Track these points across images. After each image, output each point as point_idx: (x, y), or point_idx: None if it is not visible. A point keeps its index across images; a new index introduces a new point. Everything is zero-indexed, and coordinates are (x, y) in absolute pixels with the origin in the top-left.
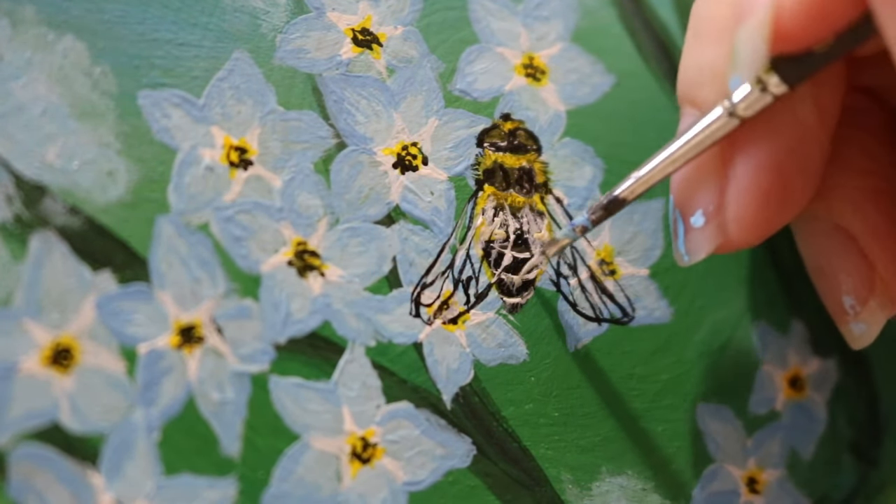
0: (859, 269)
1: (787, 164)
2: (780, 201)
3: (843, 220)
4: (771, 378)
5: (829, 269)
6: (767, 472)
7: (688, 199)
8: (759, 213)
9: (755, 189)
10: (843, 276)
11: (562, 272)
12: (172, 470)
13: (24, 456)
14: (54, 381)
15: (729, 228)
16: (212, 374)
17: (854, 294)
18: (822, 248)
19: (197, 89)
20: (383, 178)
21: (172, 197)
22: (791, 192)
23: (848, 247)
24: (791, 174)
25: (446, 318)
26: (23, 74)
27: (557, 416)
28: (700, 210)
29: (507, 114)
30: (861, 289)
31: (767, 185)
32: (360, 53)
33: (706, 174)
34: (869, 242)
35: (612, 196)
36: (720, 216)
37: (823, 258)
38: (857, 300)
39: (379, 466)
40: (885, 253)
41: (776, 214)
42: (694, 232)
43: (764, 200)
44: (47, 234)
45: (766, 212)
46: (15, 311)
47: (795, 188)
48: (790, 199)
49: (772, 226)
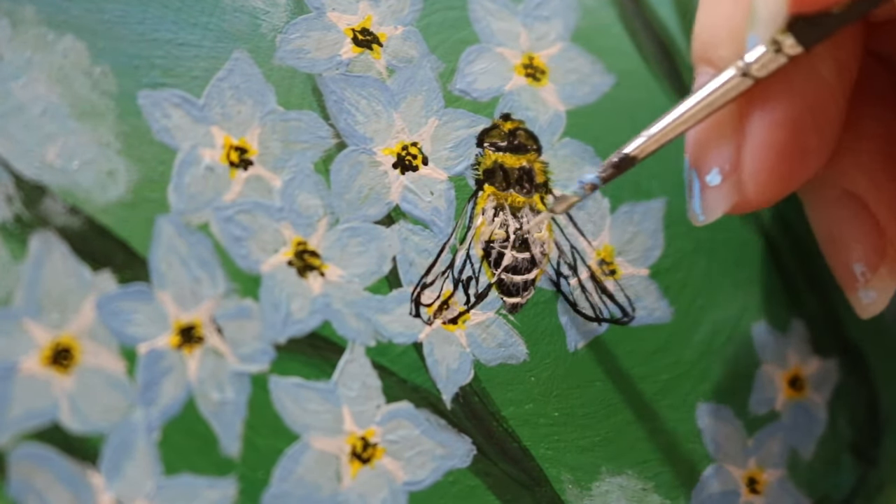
0: (870, 235)
1: (804, 121)
2: (797, 159)
3: (854, 185)
4: (771, 378)
5: (839, 237)
6: (768, 472)
7: (703, 157)
8: (775, 171)
9: (772, 146)
10: (854, 242)
11: (562, 272)
12: (172, 470)
13: (24, 456)
14: (54, 381)
15: (745, 186)
16: (212, 374)
17: (864, 260)
18: (833, 216)
19: (197, 89)
20: (383, 178)
21: (172, 197)
22: (808, 150)
23: (858, 213)
24: (808, 132)
25: (446, 318)
26: (23, 74)
27: (557, 416)
28: (716, 168)
29: (507, 114)
30: (871, 255)
31: (784, 142)
32: (360, 53)
33: (723, 132)
34: (880, 208)
35: (622, 153)
36: (736, 174)
37: (834, 225)
38: (868, 266)
39: (379, 466)
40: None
41: (793, 172)
42: (710, 190)
43: (781, 157)
44: (47, 234)
45: (783, 169)
46: (15, 311)
47: (812, 146)
48: (807, 158)
49: (788, 184)
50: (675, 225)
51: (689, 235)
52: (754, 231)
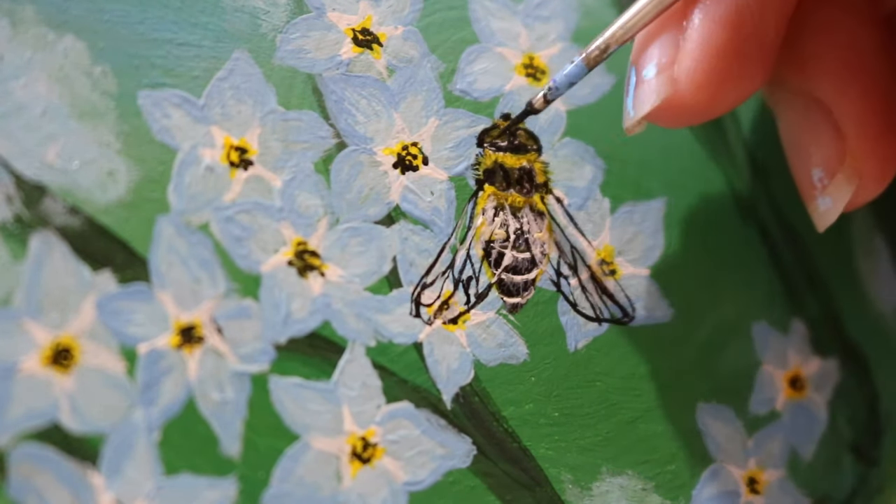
0: (831, 140)
1: (743, 22)
2: (734, 61)
3: (819, 91)
4: (771, 378)
5: (802, 143)
6: (768, 473)
7: (643, 53)
8: (711, 70)
9: (709, 43)
10: (815, 148)
11: (562, 272)
12: (172, 470)
13: (24, 456)
14: (54, 381)
15: (679, 81)
16: (212, 374)
17: (823, 165)
18: (798, 121)
19: (197, 89)
20: (383, 178)
21: (172, 197)
22: (745, 54)
23: (822, 119)
24: (747, 35)
25: (446, 318)
26: (23, 74)
27: (558, 416)
28: (653, 62)
29: (507, 114)
30: (830, 160)
31: (721, 41)
32: (361, 53)
33: (664, 27)
34: (842, 116)
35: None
36: (672, 69)
37: (798, 131)
38: (826, 172)
39: (379, 466)
40: (857, 126)
41: (729, 75)
42: (644, 83)
43: (716, 56)
44: (47, 234)
45: (719, 69)
46: (15, 311)
47: (750, 51)
48: (744, 62)
49: (724, 87)
50: (675, 225)
51: (689, 235)
52: (754, 231)
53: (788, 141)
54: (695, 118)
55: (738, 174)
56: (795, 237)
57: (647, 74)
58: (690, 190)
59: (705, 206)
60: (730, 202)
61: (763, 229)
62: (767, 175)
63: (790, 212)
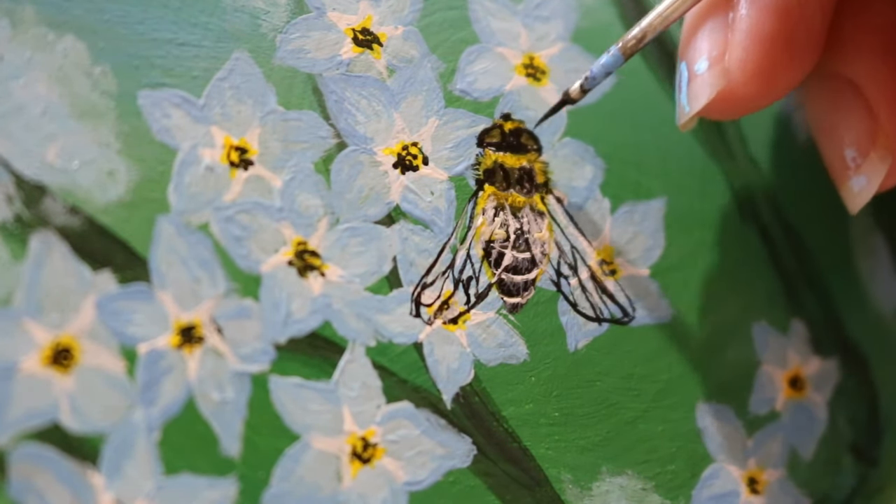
0: (863, 120)
1: (791, 9)
2: (784, 49)
3: (851, 71)
4: (771, 378)
5: (834, 123)
6: (768, 473)
7: (692, 46)
8: (762, 59)
9: (758, 32)
10: (846, 128)
11: (562, 272)
12: (172, 470)
13: (24, 456)
14: (54, 381)
15: (731, 73)
16: (212, 373)
17: (856, 145)
18: (829, 103)
19: (197, 89)
20: (383, 178)
21: (172, 197)
22: (795, 40)
23: (854, 99)
24: (795, 21)
25: (446, 318)
26: (23, 74)
27: (558, 416)
28: (704, 55)
29: (507, 114)
30: (864, 140)
31: (771, 29)
32: (361, 53)
33: (711, 19)
34: (875, 95)
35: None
36: (724, 61)
37: (829, 112)
38: (859, 151)
39: (379, 466)
40: (890, 105)
41: (780, 62)
42: (697, 78)
43: (767, 44)
44: (47, 234)
45: (770, 57)
46: (15, 311)
47: (799, 37)
48: (793, 50)
49: (776, 75)
50: (675, 225)
51: (689, 235)
52: (754, 231)
53: (818, 123)
54: (749, 108)
55: (738, 174)
56: (795, 237)
57: (699, 69)
58: (690, 190)
59: (705, 206)
60: (730, 202)
61: (763, 229)
62: (767, 175)
63: (790, 212)
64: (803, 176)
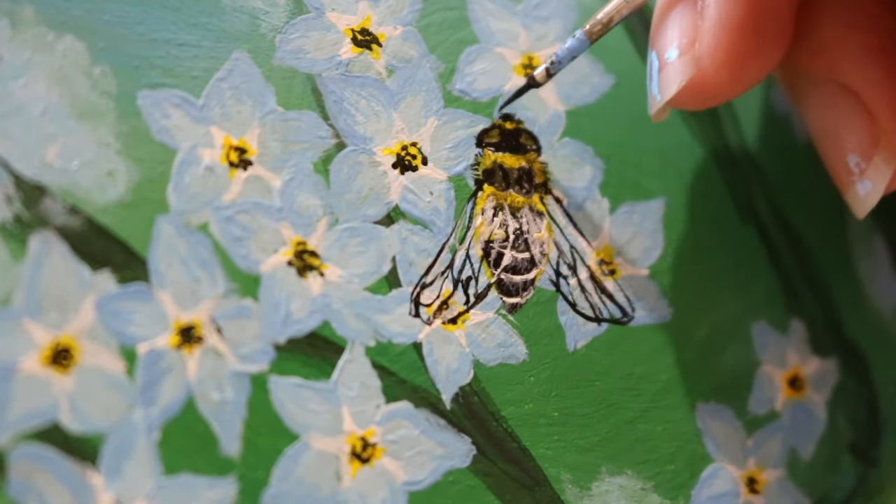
0: (863, 125)
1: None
2: (753, 36)
3: (845, 76)
4: (770, 378)
5: (834, 131)
6: (767, 472)
7: (662, 34)
8: (732, 47)
9: (727, 20)
10: (847, 134)
11: (561, 272)
12: (172, 470)
13: (24, 456)
14: (54, 381)
15: (702, 61)
16: (211, 373)
17: (859, 151)
18: (827, 111)
19: (196, 89)
20: (383, 178)
21: (172, 197)
22: (763, 28)
23: (851, 104)
24: (763, 7)
25: (446, 318)
26: (23, 74)
27: (557, 415)
28: (674, 44)
29: (506, 114)
30: (866, 144)
31: (739, 17)
32: (360, 54)
33: (680, 6)
34: (872, 97)
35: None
36: (693, 49)
37: (828, 119)
38: (862, 156)
39: (378, 466)
40: (889, 107)
41: (750, 50)
42: (667, 66)
43: (736, 32)
44: (47, 234)
45: (740, 45)
46: (15, 311)
47: (768, 25)
48: (763, 37)
49: (746, 63)
50: (674, 225)
51: (688, 235)
52: (754, 231)
53: (818, 130)
54: (720, 97)
55: (738, 174)
56: (795, 237)
57: (669, 57)
58: (690, 190)
59: (705, 206)
60: (729, 202)
61: (763, 229)
62: (767, 175)
63: (790, 212)
64: (803, 176)
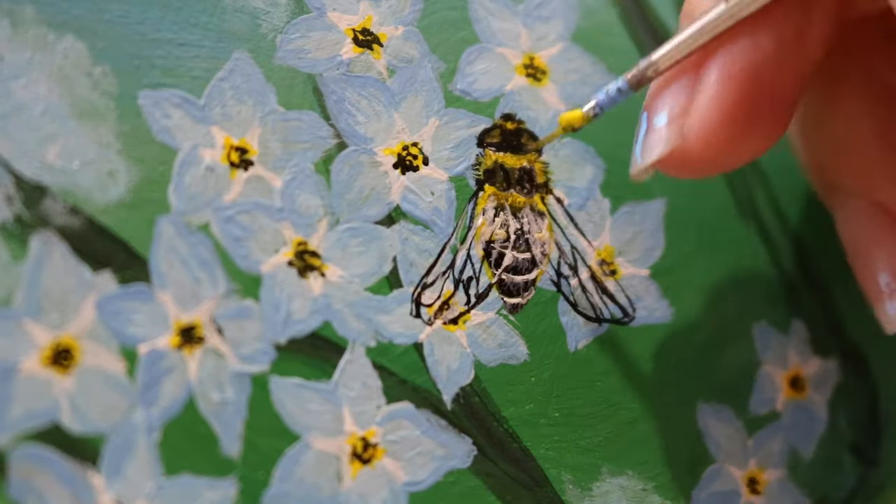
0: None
1: (759, 80)
2: (746, 120)
3: (881, 195)
4: (771, 378)
5: (866, 248)
6: (768, 473)
7: (657, 100)
8: (721, 127)
9: (721, 99)
10: (879, 252)
11: (562, 272)
12: (172, 470)
13: (25, 456)
14: (54, 382)
15: (688, 134)
16: (212, 374)
17: (890, 271)
18: (861, 228)
19: (197, 89)
20: (384, 179)
21: (173, 197)
22: (758, 113)
23: (885, 224)
24: (761, 93)
25: (447, 319)
26: (23, 74)
27: (558, 416)
28: (666, 110)
29: (507, 114)
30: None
31: (734, 99)
32: (361, 53)
33: (681, 76)
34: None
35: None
36: (683, 119)
37: (861, 236)
38: (893, 278)
39: (379, 467)
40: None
41: (739, 133)
42: (654, 131)
43: (728, 114)
44: (47, 235)
45: (730, 128)
46: (15, 312)
47: (763, 110)
48: (756, 122)
49: (734, 145)
50: (675, 225)
51: (689, 235)
52: (754, 231)
53: (850, 243)
54: (702, 172)
55: (737, 174)
56: (795, 237)
57: (657, 122)
58: (690, 190)
59: (705, 206)
60: (730, 202)
61: (763, 229)
62: (767, 175)
63: (790, 212)
64: (803, 176)
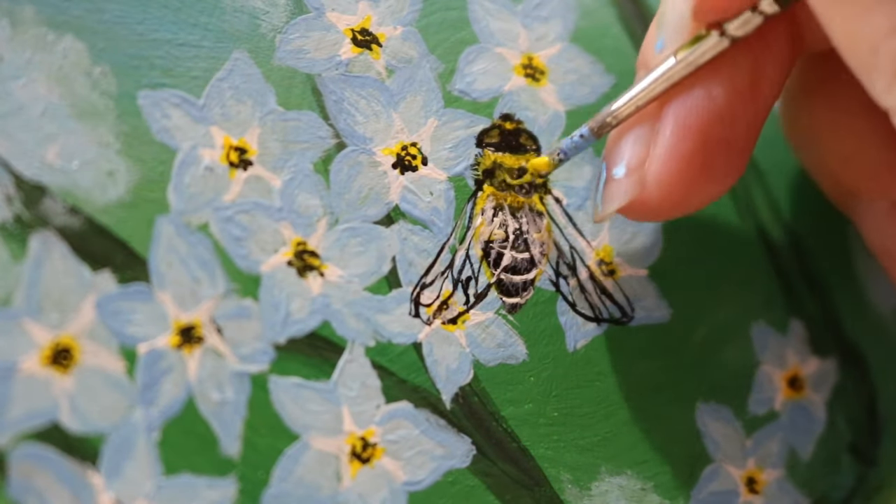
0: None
1: (713, 131)
2: (701, 169)
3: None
4: (770, 378)
5: (892, 248)
6: (766, 472)
7: (615, 150)
8: (678, 177)
9: (677, 150)
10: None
11: (561, 272)
12: (172, 470)
13: (24, 456)
14: (54, 381)
15: (647, 185)
16: (211, 374)
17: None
18: (885, 228)
19: (197, 89)
20: (383, 179)
21: (172, 197)
22: (714, 162)
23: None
24: (716, 143)
25: (446, 318)
26: (23, 74)
27: (557, 416)
28: (624, 161)
29: (506, 114)
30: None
31: (689, 149)
32: (360, 54)
33: (638, 127)
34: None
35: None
36: (641, 170)
37: (886, 238)
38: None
39: (378, 466)
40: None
41: (696, 181)
42: (613, 182)
43: (684, 164)
44: (47, 234)
45: (687, 177)
46: (15, 311)
47: (719, 159)
48: (712, 169)
49: (691, 193)
50: (674, 225)
51: (688, 236)
52: (754, 231)
53: (879, 248)
54: (662, 218)
55: None
56: (794, 237)
57: (616, 173)
58: None
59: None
60: (729, 202)
61: (762, 229)
62: (767, 175)
63: (790, 212)
64: (802, 176)
